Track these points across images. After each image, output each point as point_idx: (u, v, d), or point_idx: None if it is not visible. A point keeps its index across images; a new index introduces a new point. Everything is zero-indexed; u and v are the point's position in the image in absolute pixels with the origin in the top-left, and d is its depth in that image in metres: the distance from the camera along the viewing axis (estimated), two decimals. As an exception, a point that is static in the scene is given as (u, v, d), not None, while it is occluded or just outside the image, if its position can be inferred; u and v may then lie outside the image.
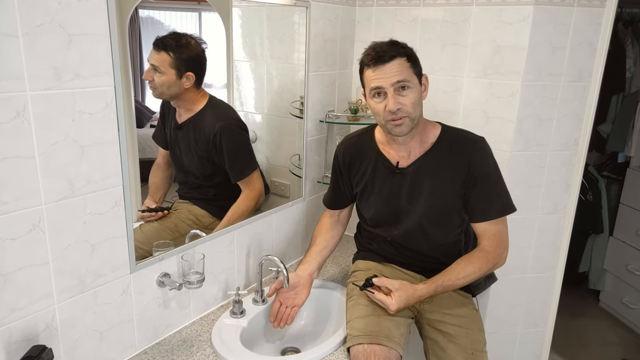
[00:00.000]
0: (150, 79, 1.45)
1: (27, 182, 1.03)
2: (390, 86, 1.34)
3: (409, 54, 1.37)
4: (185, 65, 1.46)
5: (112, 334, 1.30)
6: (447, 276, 1.41)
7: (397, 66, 1.33)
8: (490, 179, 1.45)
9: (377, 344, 1.34)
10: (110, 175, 1.19)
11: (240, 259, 1.70)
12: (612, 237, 3.06)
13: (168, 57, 1.42)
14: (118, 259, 1.26)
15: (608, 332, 2.92)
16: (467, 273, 1.42)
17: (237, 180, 1.65)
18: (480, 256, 1.44)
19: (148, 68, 1.43)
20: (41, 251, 1.09)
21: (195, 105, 1.56)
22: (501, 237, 1.47)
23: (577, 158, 1.91)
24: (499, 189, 1.46)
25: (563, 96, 1.81)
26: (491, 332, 1.96)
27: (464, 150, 1.44)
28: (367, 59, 1.37)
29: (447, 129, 1.50)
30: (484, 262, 1.43)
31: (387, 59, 1.33)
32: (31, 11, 0.97)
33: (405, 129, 1.39)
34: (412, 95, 1.35)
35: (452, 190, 1.45)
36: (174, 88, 1.48)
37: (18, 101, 0.98)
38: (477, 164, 1.42)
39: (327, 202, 1.73)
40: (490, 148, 1.47)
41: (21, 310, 1.08)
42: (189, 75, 1.48)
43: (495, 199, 1.45)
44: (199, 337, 1.47)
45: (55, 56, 1.02)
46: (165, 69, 1.43)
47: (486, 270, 1.45)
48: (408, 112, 1.36)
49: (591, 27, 1.75)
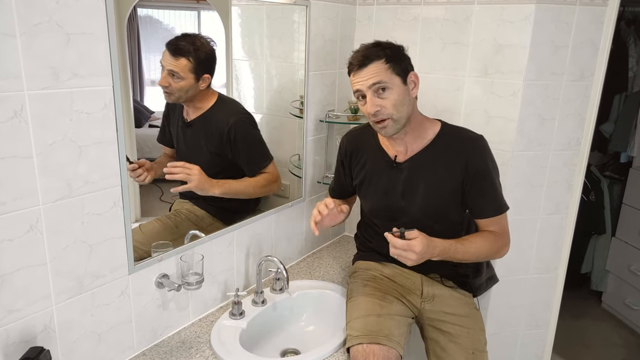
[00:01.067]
0: (167, 85, 1.44)
1: (24, 182, 1.03)
2: (368, 89, 1.37)
3: (389, 54, 1.37)
4: (202, 67, 1.47)
5: (111, 336, 1.30)
6: (462, 242, 1.42)
7: (373, 69, 1.36)
8: (488, 178, 1.46)
9: (376, 344, 1.34)
10: (108, 175, 1.19)
11: (240, 260, 1.70)
12: (614, 238, 3.06)
13: (188, 63, 1.42)
14: (116, 259, 1.26)
15: (610, 334, 2.91)
16: (478, 246, 1.44)
17: (254, 173, 1.66)
18: (490, 237, 1.47)
19: (164, 74, 1.42)
20: (39, 252, 1.09)
21: (205, 103, 1.56)
22: (504, 229, 1.51)
23: (579, 158, 1.91)
24: (495, 188, 1.48)
25: (565, 95, 1.81)
26: (492, 333, 1.96)
27: (462, 149, 1.45)
28: (351, 63, 1.41)
29: (447, 127, 1.51)
30: (494, 243, 1.47)
31: (365, 63, 1.37)
32: (29, 10, 0.97)
33: (390, 130, 1.41)
34: (393, 96, 1.37)
35: (449, 188, 1.46)
36: (191, 91, 1.48)
37: (15, 101, 0.98)
38: (475, 163, 1.44)
39: (332, 191, 1.77)
40: (489, 146, 1.48)
41: (19, 311, 1.08)
42: (206, 77, 1.49)
43: (492, 198, 1.48)
44: (198, 339, 1.46)
45: (53, 55, 1.02)
46: (185, 74, 1.43)
47: (495, 251, 1.48)
48: (389, 113, 1.38)
49: (593, 25, 1.75)
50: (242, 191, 1.66)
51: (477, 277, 1.65)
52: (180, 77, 1.43)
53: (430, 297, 1.54)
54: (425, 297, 1.55)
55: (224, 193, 1.57)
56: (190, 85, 1.47)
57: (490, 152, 1.48)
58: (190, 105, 1.55)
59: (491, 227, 1.49)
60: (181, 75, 1.43)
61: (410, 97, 1.42)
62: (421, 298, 1.55)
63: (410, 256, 1.30)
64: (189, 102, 1.53)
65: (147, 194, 1.50)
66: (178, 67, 1.42)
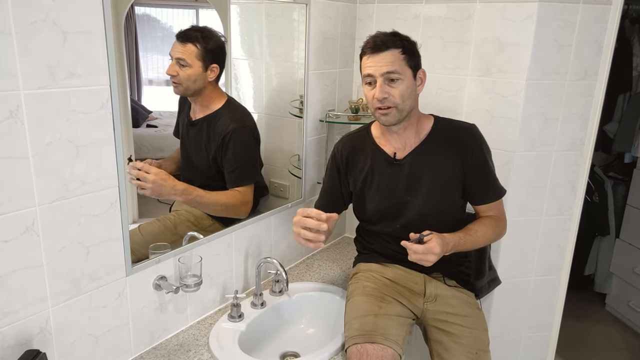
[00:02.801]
0: (174, 74, 1.44)
1: (20, 183, 1.03)
2: (380, 76, 1.40)
3: (406, 47, 1.42)
4: (211, 56, 1.47)
5: (108, 339, 1.30)
6: (468, 233, 1.48)
7: (389, 57, 1.39)
8: (487, 165, 1.53)
9: (370, 343, 1.35)
10: (105, 176, 1.19)
11: (239, 262, 1.70)
12: (618, 239, 3.05)
13: (195, 49, 1.43)
14: (114, 261, 1.26)
15: (614, 337, 2.91)
16: (483, 233, 1.50)
17: (233, 186, 1.62)
18: (492, 222, 1.54)
19: (172, 63, 1.43)
20: (35, 253, 1.09)
21: (213, 104, 1.56)
22: (501, 212, 1.60)
23: (582, 158, 1.90)
24: (493, 173, 1.56)
25: (568, 95, 1.81)
26: (495, 336, 1.96)
27: (460, 138, 1.51)
28: (365, 46, 1.44)
29: (440, 120, 1.58)
30: (496, 228, 1.54)
31: (382, 49, 1.40)
32: (25, 8, 0.97)
33: (392, 119, 1.44)
34: (402, 87, 1.41)
35: (452, 177, 1.51)
36: (199, 81, 1.49)
37: (11, 100, 0.98)
38: (474, 151, 1.50)
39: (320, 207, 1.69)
40: (481, 134, 1.55)
41: (14, 314, 1.08)
42: (214, 67, 1.49)
43: (491, 184, 1.56)
44: (196, 342, 1.46)
45: (49, 54, 1.02)
46: (192, 61, 1.44)
47: (497, 235, 1.56)
48: (395, 102, 1.41)
49: (597, 24, 1.75)
50: (208, 205, 1.57)
51: (480, 279, 1.66)
52: (187, 63, 1.44)
53: (433, 297, 1.55)
54: (428, 297, 1.55)
55: (187, 201, 1.50)
56: (198, 74, 1.47)
57: (484, 139, 1.55)
58: (198, 102, 1.55)
59: (491, 212, 1.57)
60: (188, 62, 1.43)
61: (416, 92, 1.47)
62: (424, 298, 1.55)
63: (430, 258, 1.34)
64: (197, 96, 1.53)
65: (145, 196, 1.49)
66: (185, 54, 1.43)
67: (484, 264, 1.68)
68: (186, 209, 1.61)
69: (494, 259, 1.87)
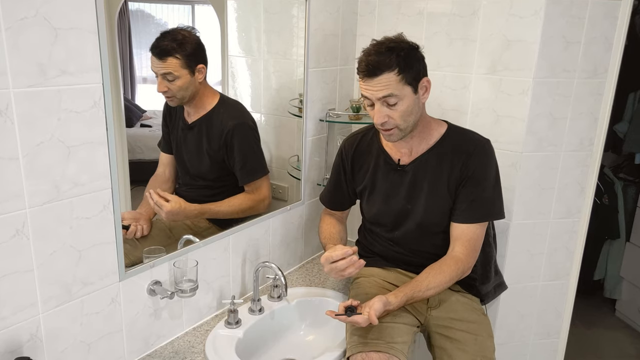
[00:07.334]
0: (165, 89, 1.45)
1: (10, 184, 1.03)
2: (377, 100, 1.38)
3: (403, 64, 1.35)
4: (194, 59, 1.47)
5: (100, 345, 1.29)
6: (417, 287, 1.43)
7: (384, 81, 1.35)
8: (481, 183, 1.48)
9: (375, 352, 1.35)
10: (98, 177, 1.19)
11: (236, 266, 1.70)
12: (629, 243, 3.05)
13: (177, 60, 1.42)
14: (106, 266, 1.26)
15: (624, 343, 2.91)
16: (437, 283, 1.44)
17: (246, 182, 1.65)
18: (451, 264, 1.47)
19: (159, 80, 1.43)
20: (25, 258, 1.09)
21: (207, 104, 1.57)
22: (475, 245, 1.50)
23: (592, 159, 1.90)
24: (488, 194, 1.49)
25: (577, 94, 1.81)
26: (501, 343, 1.96)
27: (463, 150, 1.48)
28: (359, 67, 1.40)
29: (453, 128, 1.55)
30: (455, 271, 1.46)
31: (376, 73, 1.35)
32: (14, 4, 0.97)
33: (395, 137, 1.45)
34: (402, 107, 1.39)
35: (451, 187, 1.49)
36: (191, 87, 1.49)
37: (1, 99, 0.98)
38: (472, 165, 1.47)
39: (327, 202, 1.75)
40: (493, 151, 1.51)
41: (3, 320, 1.08)
42: (200, 67, 1.49)
43: (481, 204, 1.49)
44: (192, 349, 1.46)
45: (40, 51, 1.02)
46: (179, 72, 1.44)
47: (455, 279, 1.48)
48: (396, 124, 1.41)
49: (607, 20, 1.75)
50: (225, 215, 1.64)
51: (485, 284, 1.66)
52: (175, 76, 1.44)
53: (437, 303, 1.55)
54: (431, 303, 1.55)
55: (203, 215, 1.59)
56: (188, 82, 1.47)
57: (494, 158, 1.51)
58: (192, 105, 1.55)
59: (463, 238, 1.49)
60: (175, 74, 1.43)
61: (419, 104, 1.44)
62: (427, 304, 1.55)
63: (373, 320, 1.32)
64: (191, 101, 1.54)
65: (139, 197, 1.50)
66: (169, 68, 1.42)
67: (490, 269, 1.68)
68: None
69: (500, 263, 1.87)
